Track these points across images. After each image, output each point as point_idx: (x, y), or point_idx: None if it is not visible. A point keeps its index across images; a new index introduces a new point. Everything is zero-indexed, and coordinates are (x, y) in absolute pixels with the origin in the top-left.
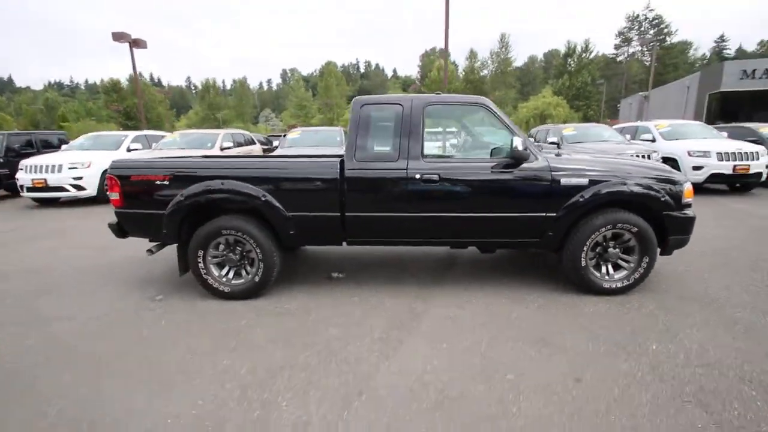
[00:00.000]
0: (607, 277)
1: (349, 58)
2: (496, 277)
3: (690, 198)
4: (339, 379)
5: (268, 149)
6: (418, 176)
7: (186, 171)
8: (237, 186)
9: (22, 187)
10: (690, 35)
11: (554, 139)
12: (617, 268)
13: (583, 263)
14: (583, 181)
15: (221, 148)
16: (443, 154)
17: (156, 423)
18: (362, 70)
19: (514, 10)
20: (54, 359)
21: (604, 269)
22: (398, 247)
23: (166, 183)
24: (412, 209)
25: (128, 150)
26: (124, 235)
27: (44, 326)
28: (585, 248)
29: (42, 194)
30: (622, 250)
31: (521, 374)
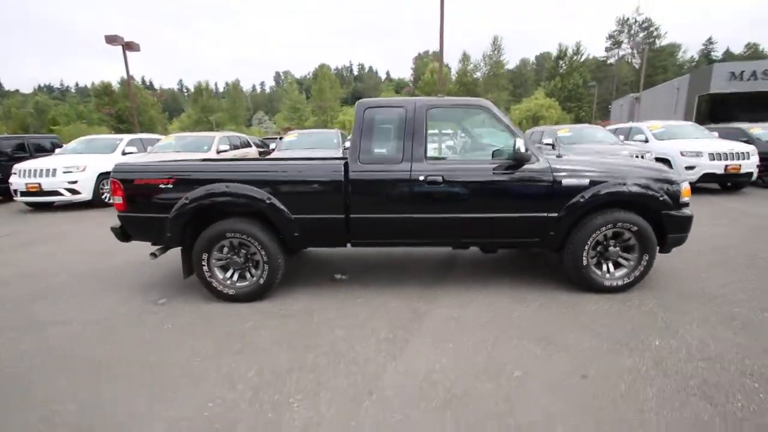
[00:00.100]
0: (608, 275)
1: (343, 61)
2: (497, 277)
3: (687, 197)
4: (347, 379)
5: (264, 152)
6: (422, 178)
7: (190, 174)
8: (241, 189)
9: (15, 191)
10: (678, 38)
11: (549, 141)
12: (617, 266)
13: (585, 262)
14: (584, 182)
15: (217, 151)
16: (446, 156)
17: (169, 427)
18: (355, 73)
19: (505, 12)
20: (56, 363)
21: (604, 268)
22: (399, 248)
23: (170, 186)
24: (416, 211)
25: (123, 153)
26: (127, 239)
27: (44, 331)
28: (586, 247)
29: (36, 199)
30: (622, 248)
31: (527, 372)
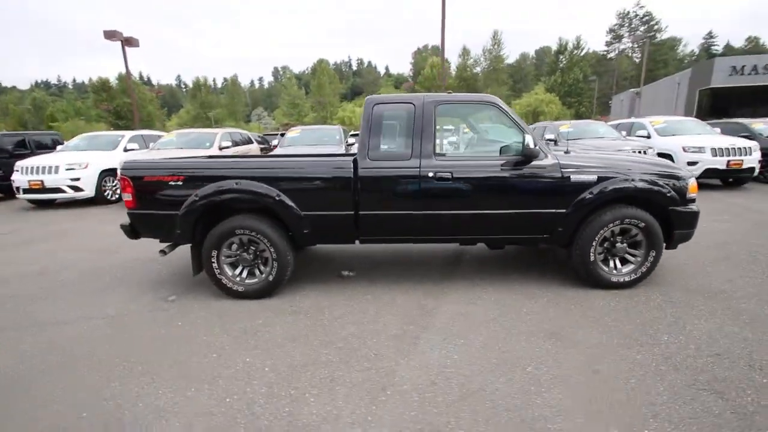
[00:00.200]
0: (615, 271)
1: (342, 56)
2: (503, 273)
3: (694, 193)
4: (362, 374)
5: (266, 148)
6: (431, 174)
7: (200, 171)
8: (251, 186)
9: (18, 188)
10: (679, 32)
11: (551, 136)
12: (624, 262)
13: (592, 258)
14: (592, 178)
15: (220, 148)
16: (455, 152)
17: (189, 421)
18: (354, 68)
19: (505, 7)
20: (75, 360)
21: (612, 264)
22: (405, 245)
23: (180, 183)
24: (425, 207)
25: (125, 150)
26: (136, 236)
27: (59, 328)
28: (594, 243)
29: (39, 196)
30: (629, 244)
31: (540, 367)
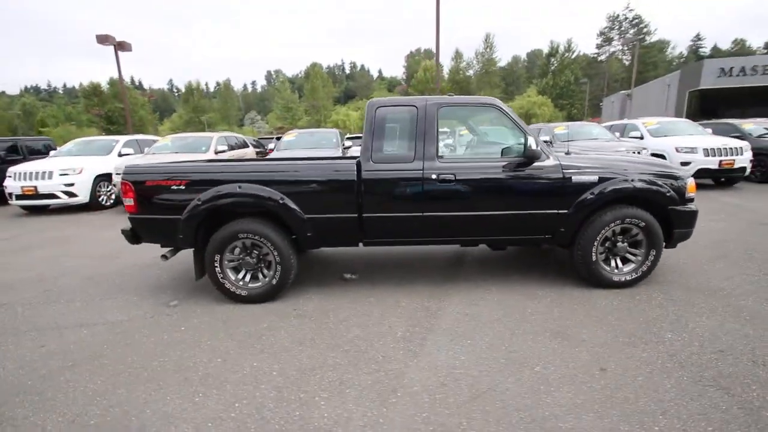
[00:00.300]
0: (616, 270)
1: (334, 59)
2: (505, 274)
3: (693, 193)
4: (371, 377)
5: (261, 152)
6: (434, 176)
7: (202, 175)
8: (254, 189)
9: (10, 195)
10: (667, 34)
11: (546, 138)
12: (625, 261)
13: (594, 258)
14: (593, 179)
15: (216, 152)
16: (457, 154)
17: (199, 427)
18: (347, 71)
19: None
20: (77, 365)
21: (612, 263)
22: (406, 247)
23: (183, 187)
24: (429, 209)
25: (120, 155)
26: (137, 242)
27: (62, 334)
28: (596, 243)
29: (32, 202)
30: (630, 244)
31: (547, 366)
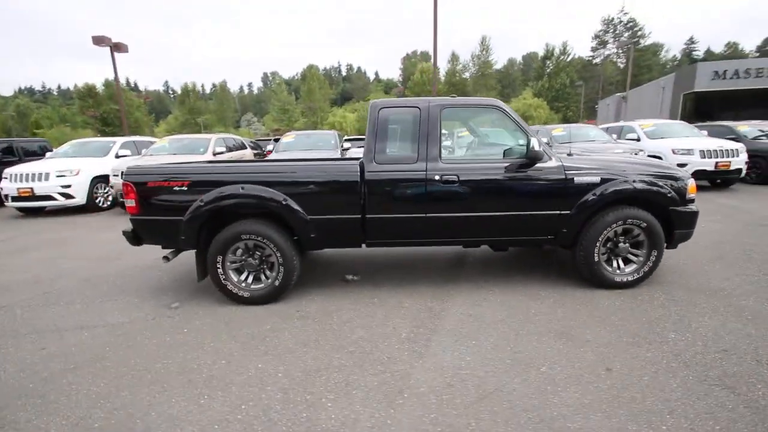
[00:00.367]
0: (618, 271)
1: (331, 61)
2: (508, 274)
3: (693, 193)
4: (377, 378)
5: (259, 154)
6: (437, 177)
7: (204, 176)
8: (257, 190)
9: (6, 196)
10: (661, 37)
11: (544, 140)
12: (627, 262)
13: (596, 258)
14: (595, 180)
15: (214, 153)
16: (460, 155)
17: (205, 429)
18: (344, 73)
19: (494, 12)
20: (79, 368)
21: (614, 264)
22: (408, 248)
23: (185, 189)
24: (432, 210)
25: (116, 156)
26: (138, 243)
27: (63, 336)
28: (598, 244)
29: (28, 204)
30: (632, 244)
31: (553, 366)
